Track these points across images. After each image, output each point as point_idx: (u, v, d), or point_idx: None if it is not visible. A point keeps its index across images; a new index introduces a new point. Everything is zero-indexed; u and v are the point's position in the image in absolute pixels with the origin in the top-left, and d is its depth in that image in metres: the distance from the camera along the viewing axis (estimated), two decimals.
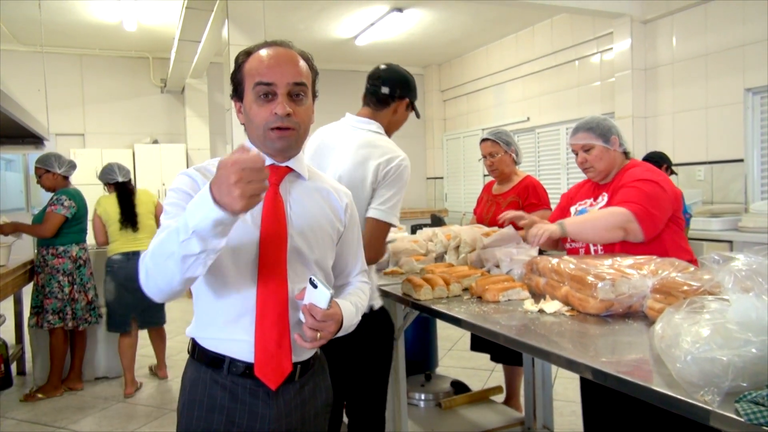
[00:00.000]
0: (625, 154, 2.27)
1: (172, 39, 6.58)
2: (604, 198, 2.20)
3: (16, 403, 3.76)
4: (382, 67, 2.12)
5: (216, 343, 1.29)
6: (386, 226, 1.87)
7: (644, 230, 2.01)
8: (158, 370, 4.22)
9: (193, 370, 1.32)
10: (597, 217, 2.08)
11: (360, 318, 1.41)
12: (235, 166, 0.98)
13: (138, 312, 3.91)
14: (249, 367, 1.26)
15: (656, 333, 1.23)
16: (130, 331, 3.92)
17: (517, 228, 2.29)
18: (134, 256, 3.84)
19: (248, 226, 1.26)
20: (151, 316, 4.05)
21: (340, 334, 1.31)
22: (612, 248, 2.07)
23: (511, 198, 3.04)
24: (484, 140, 3.13)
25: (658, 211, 2.03)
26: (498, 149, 3.07)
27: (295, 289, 1.28)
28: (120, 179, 4.04)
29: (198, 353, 1.31)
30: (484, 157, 3.13)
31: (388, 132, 2.09)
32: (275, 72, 1.27)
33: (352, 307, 1.36)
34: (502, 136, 3.09)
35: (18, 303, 4.41)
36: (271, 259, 1.26)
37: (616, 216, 2.02)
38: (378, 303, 1.94)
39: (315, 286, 1.19)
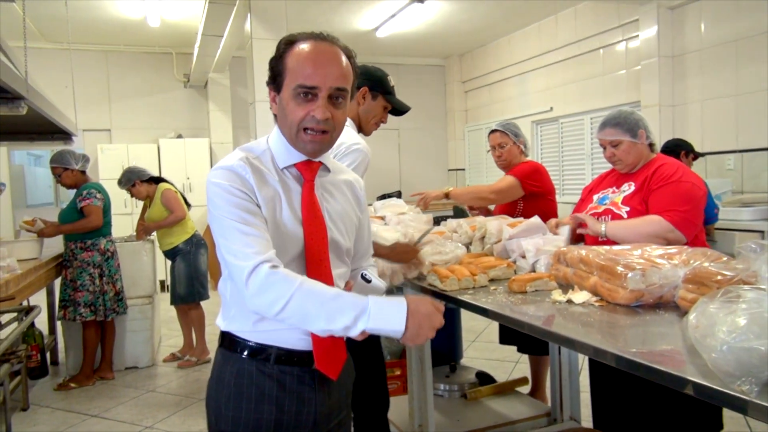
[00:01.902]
0: (651, 146, 2.27)
1: (195, 34, 6.63)
2: (630, 187, 2.21)
3: (50, 391, 3.86)
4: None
5: (263, 335, 1.28)
6: None
7: (686, 235, 2.06)
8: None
9: (235, 363, 1.30)
10: (638, 224, 2.10)
11: None
12: (435, 322, 1.15)
13: None
14: (297, 354, 1.28)
15: (690, 323, 1.21)
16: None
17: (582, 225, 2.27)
18: None
19: (293, 222, 1.28)
20: None
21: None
22: None
23: None
24: (492, 132, 3.18)
25: (695, 213, 2.09)
26: (507, 140, 3.11)
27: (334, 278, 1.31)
28: (152, 174, 4.43)
29: (234, 344, 1.30)
30: (493, 148, 3.17)
31: (363, 124, 2.12)
32: (318, 74, 1.23)
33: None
34: (510, 127, 3.14)
35: (50, 295, 4.53)
36: (315, 252, 1.28)
37: (655, 226, 2.05)
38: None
39: (369, 281, 1.21)
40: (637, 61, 5.84)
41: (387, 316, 1.11)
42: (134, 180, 4.31)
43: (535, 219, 2.35)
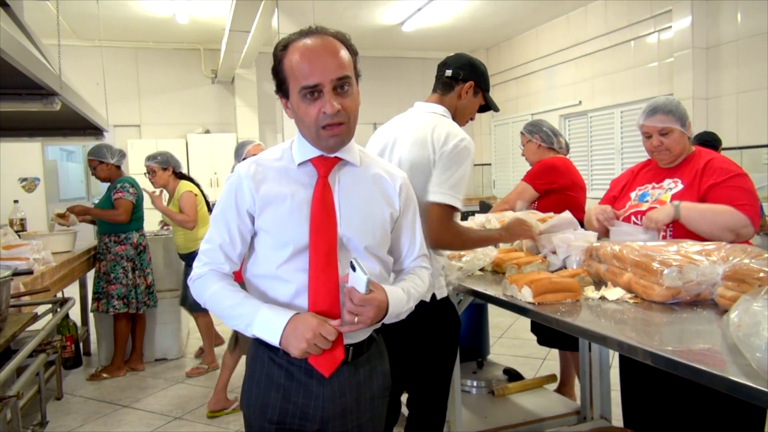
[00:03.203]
0: (688, 139, 2.19)
1: (223, 30, 6.70)
2: (677, 184, 2.10)
3: (83, 382, 3.95)
4: (450, 54, 2.09)
5: None
6: (446, 209, 1.77)
7: (756, 231, 1.98)
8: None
9: (253, 348, 1.39)
10: (718, 212, 1.96)
11: (413, 305, 1.39)
12: (314, 331, 1.20)
13: None
14: None
15: (731, 322, 1.18)
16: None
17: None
18: None
19: (299, 216, 1.29)
20: None
21: (388, 320, 1.32)
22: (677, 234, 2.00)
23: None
24: (522, 133, 3.29)
25: (758, 208, 2.00)
26: (524, 139, 3.22)
27: (344, 274, 1.29)
28: (182, 170, 4.29)
29: None
30: (522, 148, 3.29)
31: (456, 119, 2.01)
32: (317, 70, 1.24)
33: (403, 294, 1.34)
34: (527, 126, 3.23)
35: (83, 287, 4.62)
36: (320, 248, 1.28)
37: (732, 218, 1.93)
38: (442, 292, 1.88)
39: (353, 269, 1.19)
40: (669, 53, 5.70)
41: (267, 325, 1.24)
42: (170, 166, 4.10)
43: (566, 214, 2.31)
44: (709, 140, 3.85)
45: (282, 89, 1.32)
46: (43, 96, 2.39)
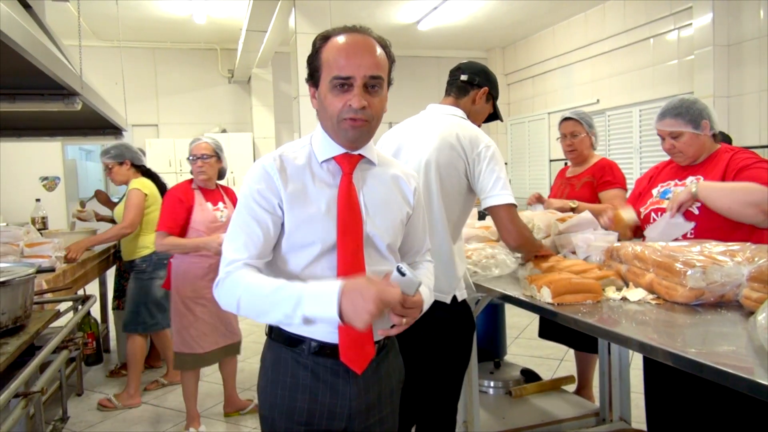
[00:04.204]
0: (714, 136, 2.13)
1: (240, 30, 6.74)
2: (699, 181, 2.07)
3: (103, 378, 4.00)
4: (464, 60, 2.15)
5: (298, 327, 1.31)
6: (512, 208, 1.87)
7: None
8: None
9: (274, 351, 1.36)
10: (738, 187, 1.88)
11: (433, 298, 1.43)
12: (378, 301, 1.07)
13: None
14: (330, 347, 1.30)
15: (759, 323, 1.16)
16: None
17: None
18: None
19: (326, 215, 1.29)
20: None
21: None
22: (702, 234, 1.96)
23: (585, 179, 2.95)
24: (566, 119, 3.03)
25: None
26: (580, 129, 2.98)
27: (370, 273, 1.29)
28: (144, 162, 3.84)
29: (276, 334, 1.36)
30: (564, 136, 3.02)
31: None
32: (352, 64, 1.25)
33: (428, 291, 1.37)
34: (586, 117, 3.00)
35: (102, 285, 4.68)
36: (348, 246, 1.29)
37: (757, 194, 1.81)
38: (463, 294, 1.89)
39: (403, 275, 1.19)
40: (689, 51, 5.62)
41: (320, 300, 1.12)
42: (125, 159, 3.66)
43: (586, 214, 2.29)
44: (725, 141, 3.79)
45: (313, 78, 1.33)
46: (65, 96, 2.42)
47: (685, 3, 5.65)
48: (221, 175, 3.15)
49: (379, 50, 1.30)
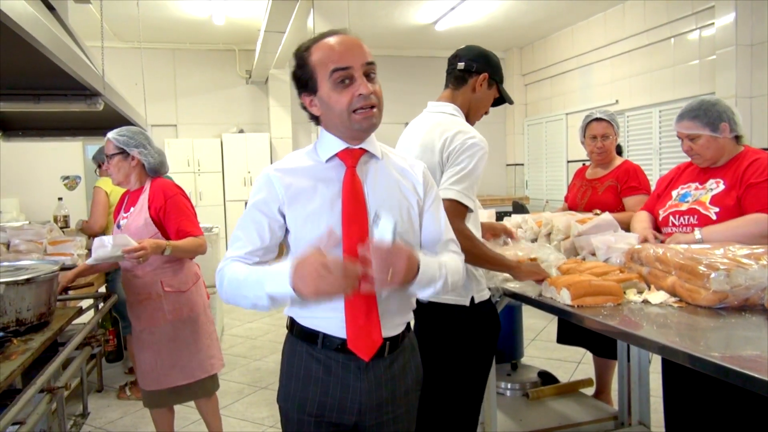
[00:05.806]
0: (737, 138, 2.09)
1: (258, 31, 6.78)
2: (719, 185, 2.03)
3: (121, 375, 4.05)
4: (461, 46, 2.03)
5: (311, 320, 1.36)
6: (453, 206, 1.67)
7: None
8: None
9: (291, 345, 1.42)
10: (738, 225, 1.91)
11: (447, 277, 1.32)
12: (319, 266, 1.10)
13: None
14: (341, 342, 1.32)
15: None
16: None
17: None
18: None
19: (331, 209, 1.31)
20: None
21: (423, 295, 1.29)
22: None
23: (609, 182, 2.89)
24: (597, 120, 2.89)
25: None
26: (611, 131, 2.88)
27: None
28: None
29: (296, 329, 1.40)
30: (594, 138, 2.90)
31: (471, 115, 1.97)
32: (348, 55, 1.29)
33: (434, 260, 1.31)
34: (616, 118, 2.93)
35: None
36: (354, 236, 1.29)
37: (760, 225, 1.86)
38: (482, 296, 1.84)
39: (379, 218, 1.18)
40: (711, 51, 5.54)
41: (277, 278, 1.18)
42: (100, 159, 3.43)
43: (606, 215, 2.27)
44: None
45: (308, 87, 1.35)
46: (87, 96, 2.46)
47: (707, 2, 5.56)
48: (155, 170, 2.58)
49: (364, 43, 1.35)
